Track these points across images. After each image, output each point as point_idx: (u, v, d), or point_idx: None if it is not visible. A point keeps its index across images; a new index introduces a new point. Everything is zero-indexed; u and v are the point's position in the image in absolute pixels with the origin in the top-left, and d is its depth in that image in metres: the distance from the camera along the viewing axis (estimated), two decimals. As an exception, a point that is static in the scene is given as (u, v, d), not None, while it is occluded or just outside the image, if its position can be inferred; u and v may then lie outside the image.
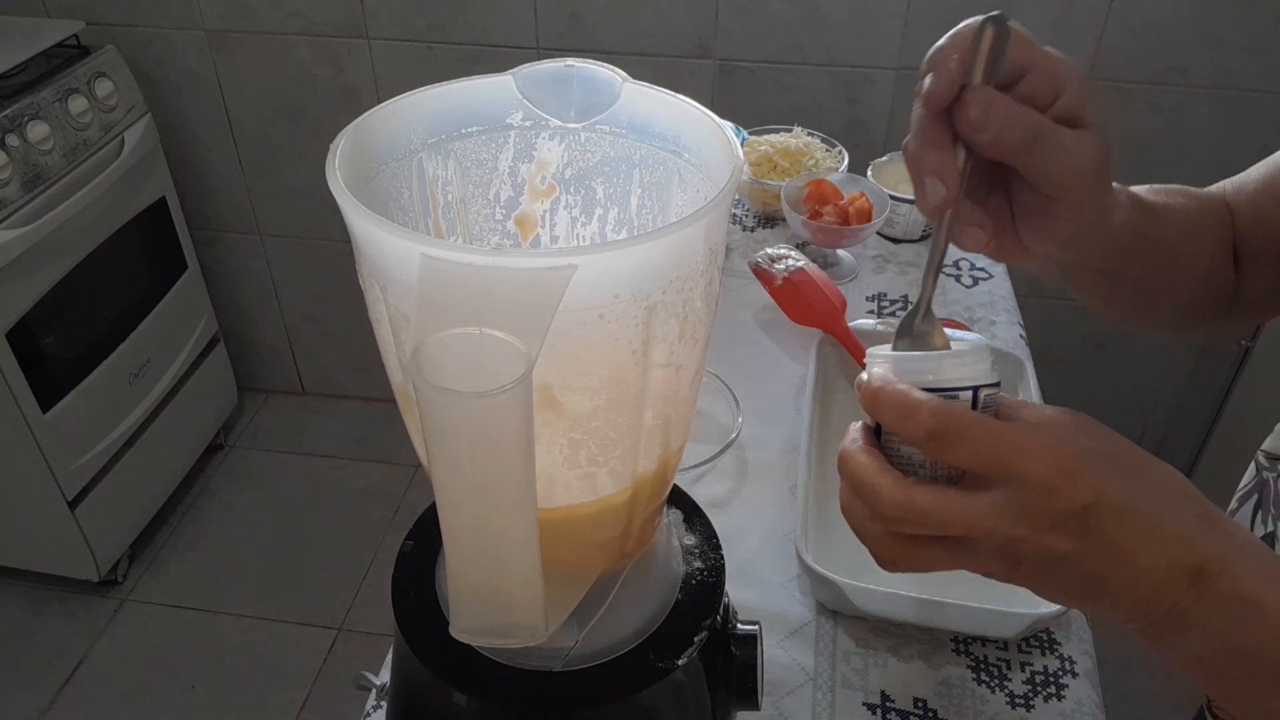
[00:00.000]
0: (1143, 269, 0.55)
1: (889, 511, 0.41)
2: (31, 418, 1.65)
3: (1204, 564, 0.39)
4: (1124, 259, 0.53)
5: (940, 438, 0.40)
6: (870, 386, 0.43)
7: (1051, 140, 0.43)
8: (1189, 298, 0.60)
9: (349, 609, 1.90)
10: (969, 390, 0.43)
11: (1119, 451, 0.41)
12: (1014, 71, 0.44)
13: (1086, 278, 0.56)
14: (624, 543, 0.50)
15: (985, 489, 0.40)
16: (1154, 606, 0.40)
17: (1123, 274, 0.55)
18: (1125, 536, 0.39)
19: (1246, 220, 0.60)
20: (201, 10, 1.84)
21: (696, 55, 1.76)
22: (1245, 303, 0.61)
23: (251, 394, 2.38)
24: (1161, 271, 0.57)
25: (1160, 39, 1.62)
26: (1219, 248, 0.60)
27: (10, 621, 1.88)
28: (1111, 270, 0.54)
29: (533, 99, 0.50)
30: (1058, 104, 0.44)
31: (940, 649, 0.76)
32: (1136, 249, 0.53)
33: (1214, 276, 0.60)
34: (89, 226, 1.72)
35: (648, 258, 0.39)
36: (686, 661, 0.52)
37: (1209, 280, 0.60)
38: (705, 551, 0.59)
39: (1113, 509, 0.38)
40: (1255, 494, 0.67)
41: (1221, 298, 0.61)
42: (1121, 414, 2.05)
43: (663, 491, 0.52)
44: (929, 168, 0.43)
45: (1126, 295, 0.58)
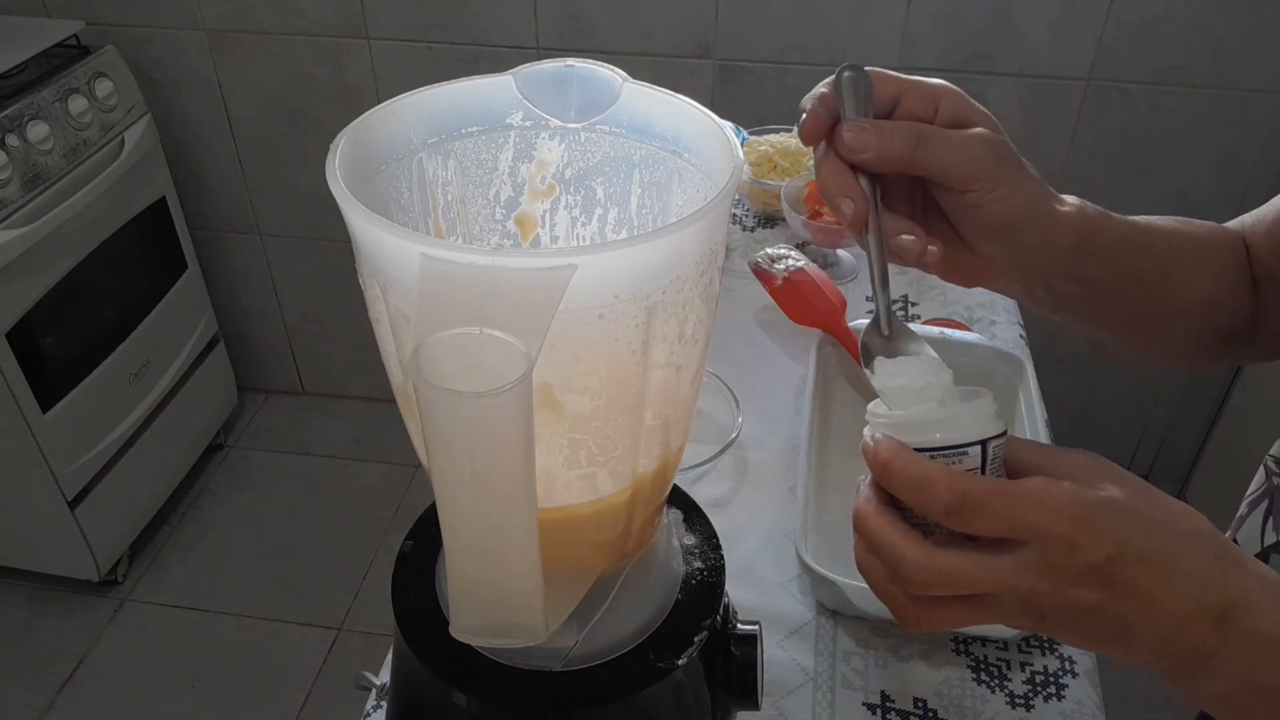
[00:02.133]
0: (1123, 282, 0.55)
1: (913, 575, 0.41)
2: (31, 418, 1.65)
3: (1228, 604, 0.39)
4: (1092, 266, 0.54)
5: (958, 512, 0.40)
6: (879, 458, 0.42)
7: (936, 138, 0.48)
8: (1195, 323, 0.59)
9: (349, 609, 1.90)
10: (977, 445, 0.42)
11: (1136, 495, 0.41)
12: (889, 101, 0.50)
13: (1061, 289, 0.55)
14: (624, 543, 0.50)
15: (1008, 549, 0.40)
16: (1179, 647, 0.40)
17: (1099, 286, 0.55)
18: (1149, 583, 0.39)
19: (1265, 250, 0.60)
20: (201, 10, 1.84)
21: (696, 55, 1.76)
22: (1266, 333, 0.61)
23: (251, 394, 2.38)
24: (1150, 289, 0.57)
25: (1160, 39, 1.62)
26: (1226, 273, 0.59)
27: (10, 621, 1.88)
28: (1083, 279, 0.54)
29: (533, 99, 0.50)
30: (939, 114, 0.50)
31: (940, 649, 0.76)
32: (1106, 257, 0.54)
33: (1221, 303, 0.59)
34: (89, 226, 1.72)
35: (648, 258, 0.39)
36: (686, 661, 0.52)
37: (1215, 306, 0.59)
38: (705, 551, 0.59)
39: (1135, 557, 0.39)
40: (1265, 500, 0.67)
41: (1237, 327, 0.60)
42: (1121, 414, 2.05)
43: (663, 491, 0.52)
44: (834, 191, 0.49)
45: (1115, 314, 0.58)
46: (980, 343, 0.98)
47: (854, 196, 0.48)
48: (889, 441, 0.43)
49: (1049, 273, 0.54)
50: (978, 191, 0.49)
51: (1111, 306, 0.57)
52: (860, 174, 0.49)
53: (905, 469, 0.41)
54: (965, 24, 1.66)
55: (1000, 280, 0.56)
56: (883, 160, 0.48)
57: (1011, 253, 0.52)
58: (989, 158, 0.49)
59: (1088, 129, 1.72)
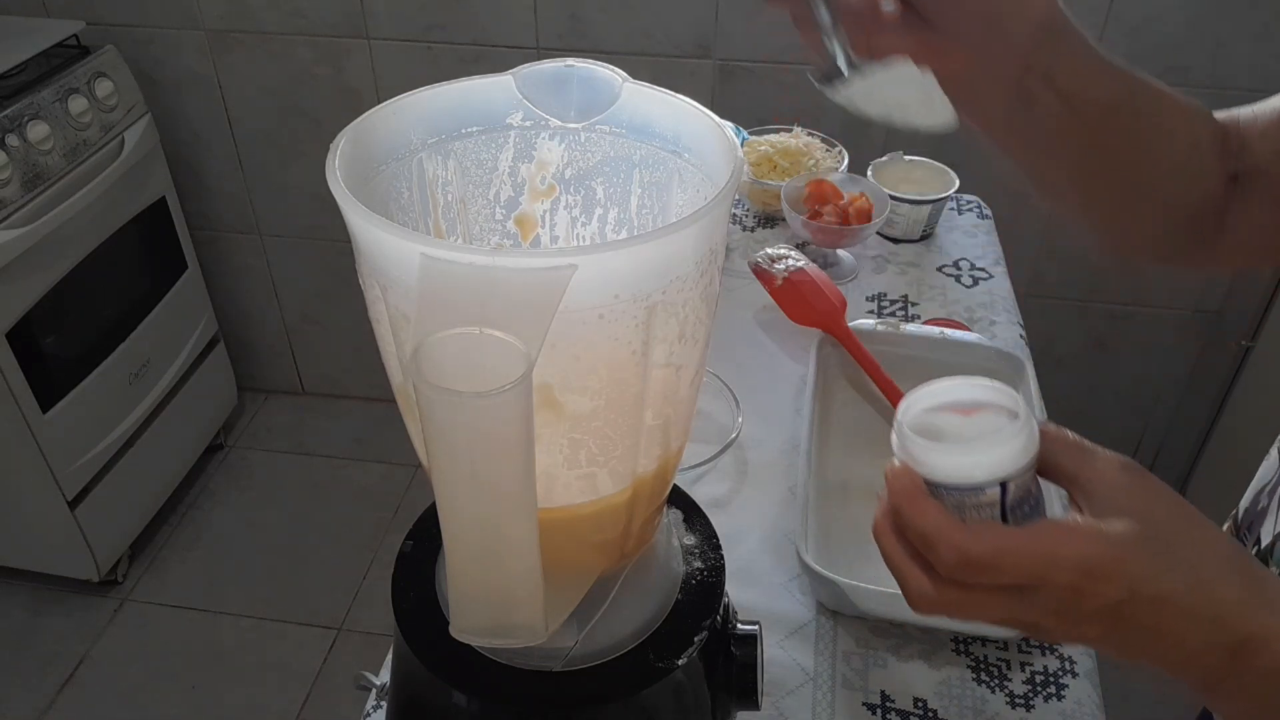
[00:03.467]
0: (1097, 107, 0.52)
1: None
2: (31, 418, 1.65)
3: (1242, 641, 0.39)
4: (1066, 66, 0.50)
5: (962, 570, 0.40)
6: (891, 499, 0.43)
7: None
8: (1165, 191, 0.56)
9: (349, 609, 1.90)
10: (995, 486, 0.41)
11: (1162, 524, 0.40)
12: None
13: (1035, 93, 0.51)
14: (624, 543, 0.50)
15: (1016, 591, 0.40)
16: (1192, 672, 0.40)
17: (1073, 103, 0.51)
18: (1159, 621, 0.39)
19: (1261, 145, 0.57)
20: (201, 10, 1.84)
21: (696, 55, 1.76)
22: (1236, 236, 0.57)
23: (251, 394, 2.38)
24: (1126, 126, 0.53)
25: (1160, 39, 1.62)
26: (1204, 146, 0.56)
27: (10, 621, 1.88)
28: (1057, 86, 0.51)
29: (533, 99, 0.50)
30: None
31: (940, 649, 0.76)
32: (1081, 63, 0.51)
33: (1196, 176, 0.56)
34: (89, 226, 1.72)
35: (648, 258, 0.39)
36: (686, 661, 0.52)
37: (1190, 177, 0.56)
38: (705, 551, 0.59)
39: (1146, 599, 0.39)
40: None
41: (1206, 213, 0.57)
42: (1121, 414, 2.05)
43: (663, 491, 0.52)
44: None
45: (1085, 154, 0.54)
46: (980, 343, 0.98)
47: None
48: (903, 479, 0.42)
49: (1022, 65, 0.50)
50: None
51: (1083, 139, 0.53)
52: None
53: (913, 520, 0.41)
54: (965, 24, 1.66)
55: (970, 71, 0.51)
56: None
57: (982, 28, 0.49)
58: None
59: (1088, 129, 1.72)
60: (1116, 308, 1.90)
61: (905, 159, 1.30)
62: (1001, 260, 1.23)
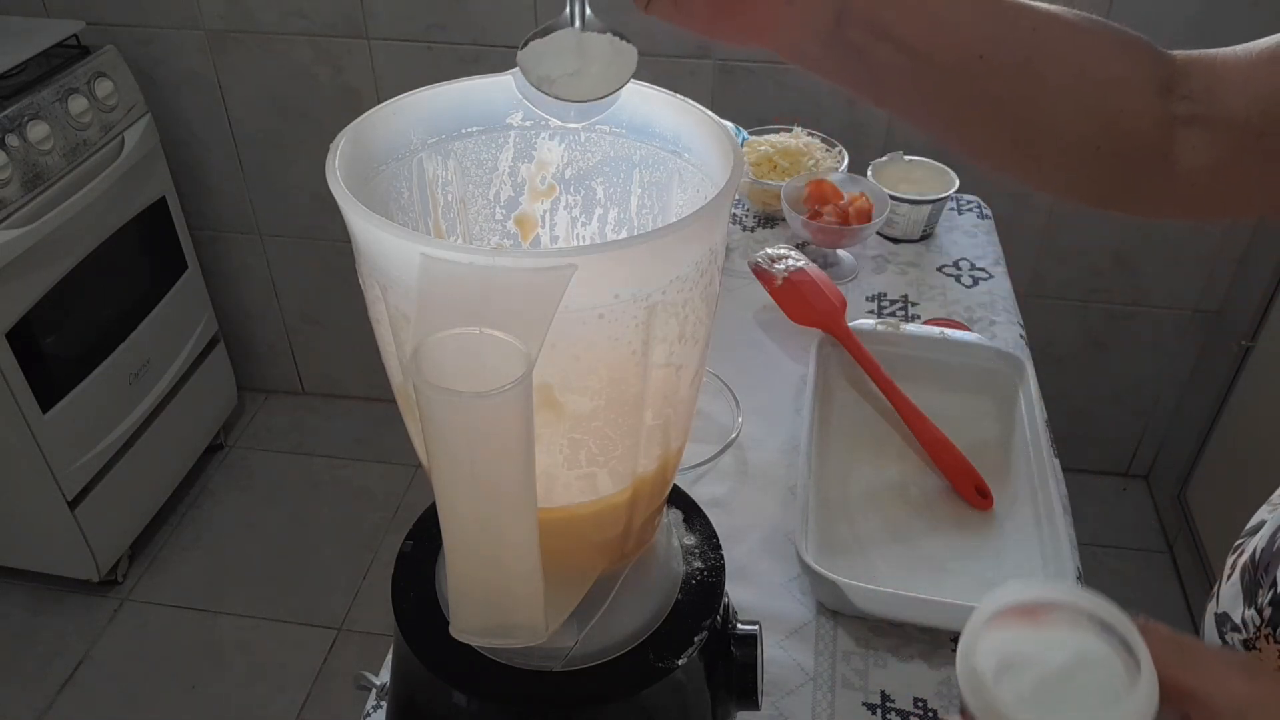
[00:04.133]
0: (956, 53, 0.43)
1: None
2: (31, 418, 1.65)
3: None
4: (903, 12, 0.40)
5: None
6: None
7: None
8: (1069, 140, 0.46)
9: (349, 609, 1.90)
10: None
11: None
12: None
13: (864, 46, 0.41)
14: (624, 543, 0.50)
15: None
16: None
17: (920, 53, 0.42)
18: None
19: (1234, 92, 0.49)
20: (201, 10, 1.84)
21: (696, 55, 1.76)
22: (1192, 184, 0.49)
23: (251, 394, 2.38)
24: (1002, 73, 0.43)
25: (1160, 39, 1.62)
26: (1141, 83, 0.47)
27: (10, 621, 1.88)
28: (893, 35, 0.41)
29: (533, 99, 0.50)
30: None
31: (940, 649, 0.76)
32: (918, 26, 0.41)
33: (1113, 118, 0.46)
34: (89, 226, 1.72)
35: (648, 258, 0.39)
36: (686, 661, 0.52)
37: (1102, 119, 0.46)
38: (705, 551, 0.59)
39: None
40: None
41: (1135, 158, 0.48)
42: (1121, 414, 2.05)
43: (663, 491, 0.52)
44: None
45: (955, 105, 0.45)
46: (980, 343, 0.98)
47: None
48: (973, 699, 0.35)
49: (830, 14, 0.40)
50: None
51: (940, 89, 0.43)
52: None
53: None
54: (965, 24, 1.66)
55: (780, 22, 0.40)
56: None
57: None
58: None
59: (1088, 129, 1.72)
60: (1116, 308, 1.90)
61: (905, 159, 1.30)
62: (1001, 260, 1.23)
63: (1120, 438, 2.10)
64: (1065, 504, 0.84)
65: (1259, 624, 0.60)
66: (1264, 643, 0.59)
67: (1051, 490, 0.84)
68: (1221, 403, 1.81)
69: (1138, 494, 2.12)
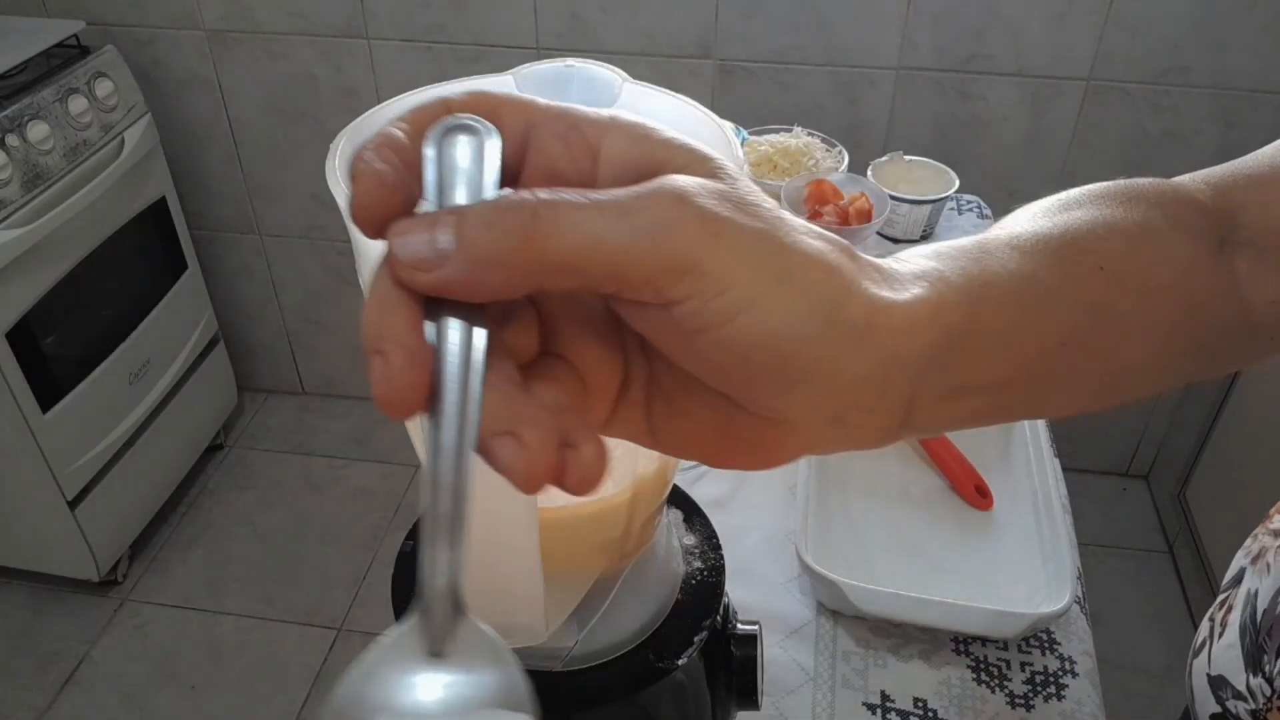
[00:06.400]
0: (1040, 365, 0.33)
1: None
2: (31, 418, 1.65)
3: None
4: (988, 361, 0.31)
5: None
6: None
7: (571, 210, 0.24)
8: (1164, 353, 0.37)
9: (349, 609, 1.90)
10: None
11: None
12: (517, 148, 0.26)
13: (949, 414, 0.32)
14: (624, 543, 0.50)
15: None
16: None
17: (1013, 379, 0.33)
18: None
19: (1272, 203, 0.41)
20: (201, 10, 1.84)
21: (696, 55, 1.76)
22: (1263, 325, 0.40)
23: (251, 394, 2.38)
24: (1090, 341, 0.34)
25: (1160, 39, 1.62)
26: (1200, 259, 0.38)
27: (10, 621, 1.88)
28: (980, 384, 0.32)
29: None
30: (603, 159, 0.26)
31: (940, 649, 0.76)
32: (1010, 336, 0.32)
33: (1190, 314, 0.37)
34: (89, 226, 1.72)
35: (648, 258, 0.39)
36: (686, 661, 0.52)
37: (1179, 320, 0.37)
38: (705, 551, 0.59)
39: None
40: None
41: (1219, 330, 0.39)
42: (1121, 414, 2.05)
43: (663, 492, 0.52)
44: (370, 334, 0.24)
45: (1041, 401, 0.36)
46: None
47: (401, 346, 0.24)
48: None
49: (913, 405, 0.30)
50: (687, 294, 0.25)
51: (1031, 395, 0.34)
52: (445, 310, 0.24)
53: None
54: (965, 24, 1.66)
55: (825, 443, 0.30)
56: (467, 279, 0.24)
57: (814, 396, 0.27)
58: (692, 226, 0.24)
59: (1088, 129, 1.72)
60: (1116, 308, 1.90)
61: (905, 159, 1.30)
62: (1001, 260, 1.23)
63: (1120, 438, 2.10)
64: (1065, 504, 0.84)
65: (1269, 694, 0.58)
66: (1276, 714, 0.58)
67: (1051, 490, 0.84)
68: (1221, 403, 1.82)
69: (1138, 494, 2.12)
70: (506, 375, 0.25)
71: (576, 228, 0.24)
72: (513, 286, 0.24)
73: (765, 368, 0.26)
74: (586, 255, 0.24)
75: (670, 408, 0.29)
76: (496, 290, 0.24)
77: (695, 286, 0.24)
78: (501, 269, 0.23)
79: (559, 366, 0.27)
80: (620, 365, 0.29)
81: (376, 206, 0.24)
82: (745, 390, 0.27)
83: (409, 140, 0.25)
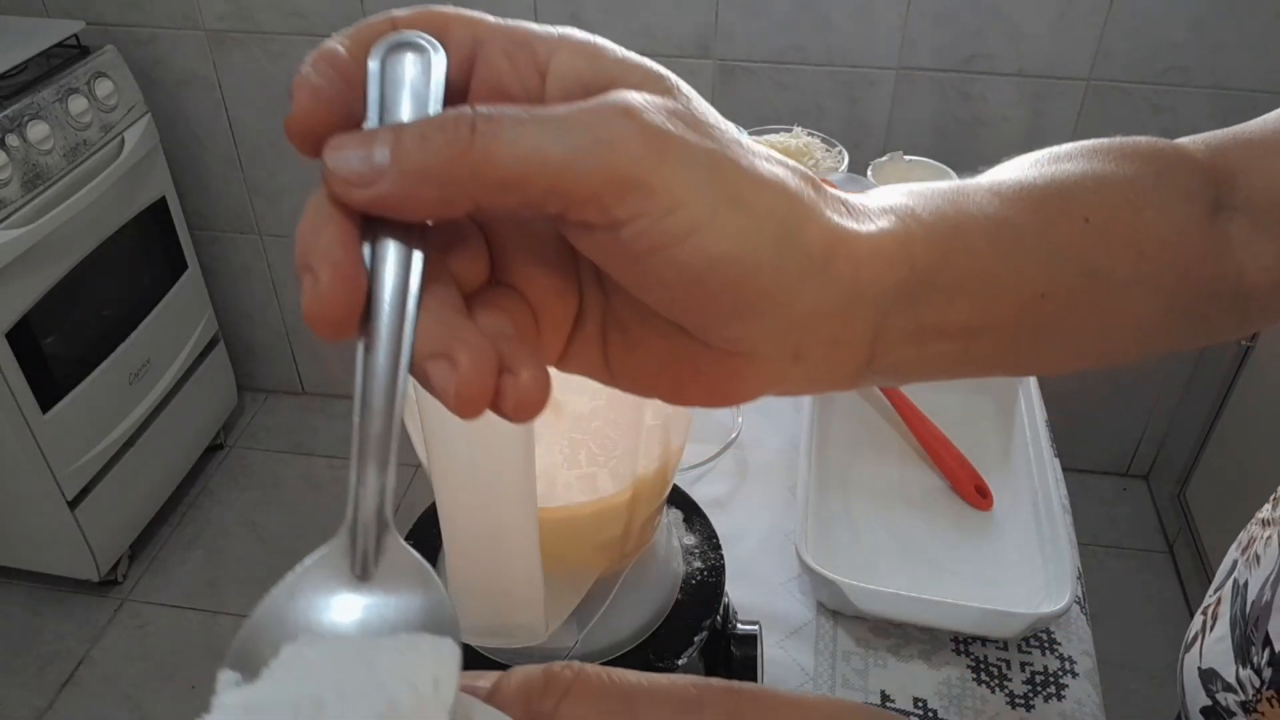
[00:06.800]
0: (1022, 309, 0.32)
1: None
2: (31, 418, 1.65)
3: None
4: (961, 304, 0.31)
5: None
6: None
7: (512, 125, 0.23)
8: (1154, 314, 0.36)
9: (349, 609, 1.90)
10: None
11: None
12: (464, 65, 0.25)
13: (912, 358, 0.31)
14: (624, 543, 0.50)
15: None
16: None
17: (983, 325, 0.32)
18: None
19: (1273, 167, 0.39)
20: (201, 10, 1.84)
21: (696, 55, 1.76)
22: (1258, 293, 0.39)
23: (251, 394, 2.38)
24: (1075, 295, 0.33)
25: (1160, 39, 1.62)
26: (1193, 220, 0.37)
27: (10, 621, 1.88)
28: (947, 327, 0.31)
29: None
30: (550, 76, 0.25)
31: (940, 649, 0.76)
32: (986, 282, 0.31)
33: (1183, 275, 0.36)
34: (89, 226, 1.72)
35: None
36: (686, 661, 0.52)
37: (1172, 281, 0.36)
38: (705, 551, 0.59)
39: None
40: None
41: (1211, 295, 0.38)
42: (1121, 414, 2.05)
43: (663, 492, 0.52)
44: (303, 251, 0.24)
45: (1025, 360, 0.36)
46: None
47: (330, 263, 0.23)
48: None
49: (877, 343, 0.29)
50: (633, 213, 0.24)
51: (1010, 345, 0.33)
52: (384, 232, 0.24)
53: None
54: (965, 24, 1.66)
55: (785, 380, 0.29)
56: (401, 194, 0.23)
57: (772, 326, 0.27)
58: (637, 140, 0.24)
59: (1088, 129, 1.72)
60: (1116, 308, 1.90)
61: (905, 159, 1.30)
62: (1001, 260, 1.23)
63: (1120, 438, 2.10)
64: (1065, 504, 0.84)
65: (1259, 685, 0.58)
66: (1266, 705, 0.58)
67: (1051, 490, 0.84)
68: (1221, 403, 1.82)
69: (1138, 494, 2.12)
70: (447, 300, 0.24)
71: (515, 142, 0.23)
72: (449, 204, 0.23)
73: (718, 293, 0.25)
74: (525, 170, 0.23)
75: (627, 341, 0.28)
76: (432, 208, 0.23)
77: (642, 205, 0.24)
78: (436, 184, 0.23)
79: (508, 296, 0.26)
80: (574, 298, 0.28)
81: (311, 121, 0.24)
82: (700, 318, 0.26)
83: (350, 56, 0.25)
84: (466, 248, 0.26)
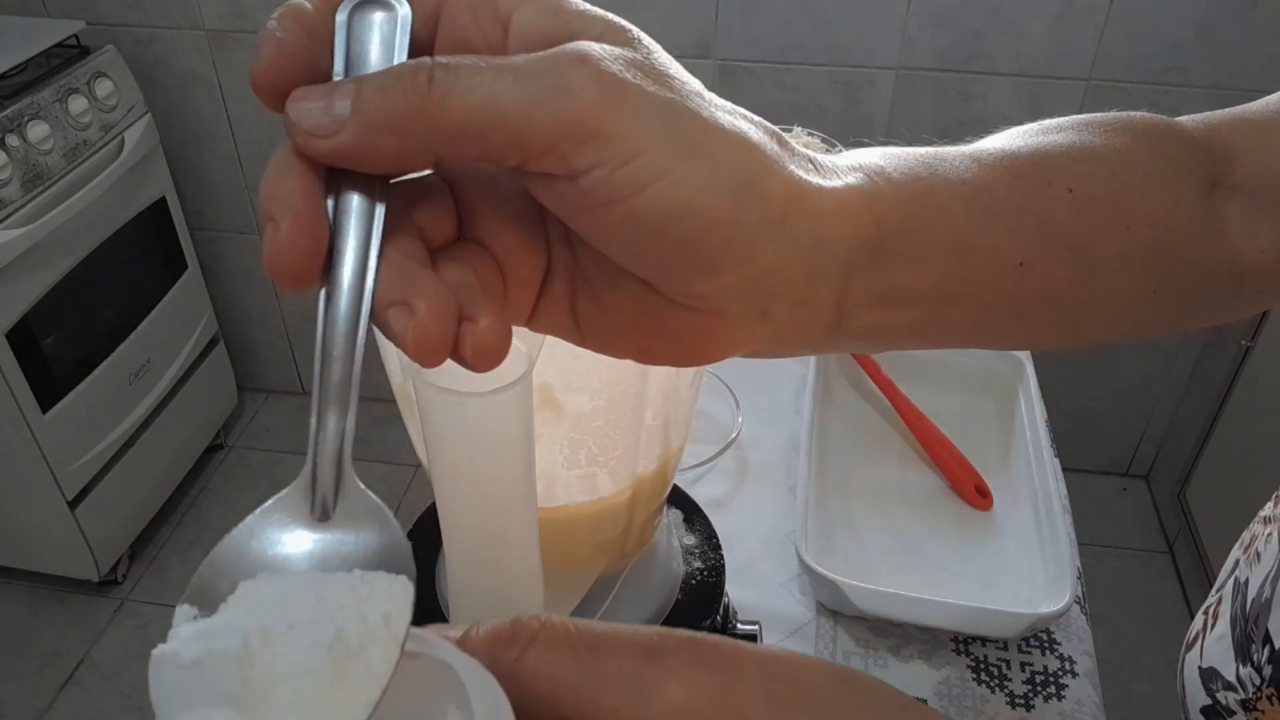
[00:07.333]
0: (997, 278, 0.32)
1: None
2: (31, 418, 1.65)
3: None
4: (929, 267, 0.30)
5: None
6: None
7: (469, 74, 0.23)
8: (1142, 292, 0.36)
9: (349, 609, 1.90)
10: None
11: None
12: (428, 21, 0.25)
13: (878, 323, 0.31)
14: (624, 543, 0.50)
15: None
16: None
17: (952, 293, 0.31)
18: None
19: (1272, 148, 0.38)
20: (201, 10, 1.84)
21: (696, 55, 1.76)
22: (1252, 275, 0.38)
23: (251, 394, 2.38)
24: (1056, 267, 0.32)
25: (1160, 39, 1.62)
26: (1186, 198, 0.36)
27: (10, 621, 1.88)
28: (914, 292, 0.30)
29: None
30: (513, 29, 0.25)
31: (940, 649, 0.76)
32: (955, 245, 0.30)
33: (1171, 252, 0.36)
34: (89, 226, 1.72)
35: (648, 258, 0.39)
36: (686, 661, 0.52)
37: (1160, 258, 0.35)
38: (705, 551, 0.59)
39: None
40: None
41: (1203, 273, 0.37)
42: (1121, 414, 2.05)
43: (663, 492, 0.52)
44: (266, 199, 0.25)
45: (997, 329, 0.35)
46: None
47: (291, 211, 0.24)
48: None
49: (844, 304, 0.29)
50: (591, 163, 0.24)
51: (987, 317, 0.33)
52: (346, 184, 0.25)
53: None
54: (965, 24, 1.66)
55: (753, 340, 0.29)
56: (361, 145, 0.24)
57: (735, 281, 0.27)
58: (593, 89, 0.24)
59: (1088, 129, 1.72)
60: (1116, 308, 1.90)
61: (905, 159, 1.30)
62: (1001, 260, 1.23)
63: (1120, 438, 2.10)
64: (1065, 504, 0.84)
65: (1259, 683, 0.58)
66: (1266, 703, 0.57)
67: (1051, 490, 0.84)
68: (1221, 403, 1.82)
69: (1138, 494, 2.12)
70: (409, 252, 0.25)
71: (472, 91, 0.23)
72: (409, 155, 0.24)
73: (679, 245, 0.25)
74: (482, 119, 0.23)
75: (595, 300, 0.28)
76: (393, 160, 0.24)
77: (599, 154, 0.24)
78: (396, 134, 0.23)
79: (474, 252, 0.27)
80: (542, 256, 0.28)
81: (276, 75, 0.25)
82: (663, 272, 0.26)
83: (316, 11, 0.25)
84: (433, 204, 0.26)
